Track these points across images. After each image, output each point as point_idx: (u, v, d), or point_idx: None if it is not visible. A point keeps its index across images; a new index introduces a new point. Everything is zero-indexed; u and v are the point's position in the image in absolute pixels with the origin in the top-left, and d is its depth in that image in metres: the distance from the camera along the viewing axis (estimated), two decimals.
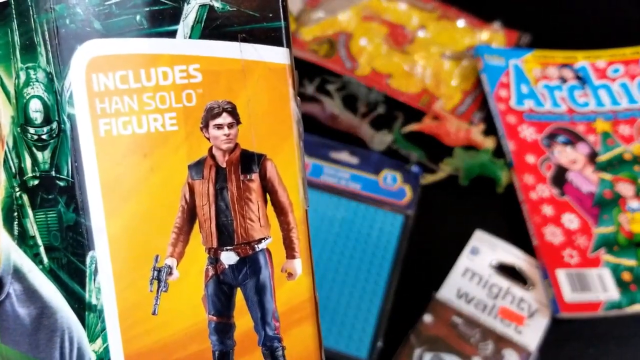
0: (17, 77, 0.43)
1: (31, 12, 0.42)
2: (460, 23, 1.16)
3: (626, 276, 0.87)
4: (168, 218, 0.42)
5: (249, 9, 0.41)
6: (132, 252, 0.42)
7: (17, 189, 0.45)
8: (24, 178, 0.44)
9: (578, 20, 1.17)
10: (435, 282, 0.89)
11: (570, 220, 0.91)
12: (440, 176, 0.97)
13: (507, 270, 0.90)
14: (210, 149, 0.42)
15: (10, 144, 0.44)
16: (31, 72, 0.43)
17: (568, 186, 0.94)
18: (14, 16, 0.43)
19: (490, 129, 1.03)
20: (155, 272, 0.43)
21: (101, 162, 0.41)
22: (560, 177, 0.95)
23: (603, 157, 0.97)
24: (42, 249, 0.45)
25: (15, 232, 0.45)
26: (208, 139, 0.42)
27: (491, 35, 1.14)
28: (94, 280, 0.43)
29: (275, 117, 0.42)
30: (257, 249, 0.44)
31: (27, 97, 0.43)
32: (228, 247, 0.44)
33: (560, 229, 0.90)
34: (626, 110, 1.02)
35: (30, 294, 0.46)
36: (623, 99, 1.03)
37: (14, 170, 0.45)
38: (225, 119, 0.42)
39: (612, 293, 0.86)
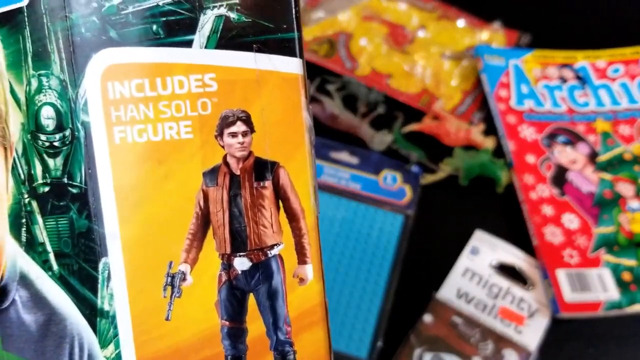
0: (29, 84, 0.44)
1: (45, 20, 0.42)
2: (460, 23, 1.16)
3: (626, 276, 0.88)
4: (182, 224, 0.43)
5: (264, 20, 0.42)
6: (146, 258, 0.43)
7: (26, 196, 0.45)
8: (34, 185, 0.45)
9: (578, 20, 1.18)
10: (435, 282, 0.89)
11: (570, 220, 0.92)
12: (440, 176, 0.98)
13: (507, 270, 0.91)
14: (225, 157, 0.43)
15: (20, 151, 0.45)
16: (44, 79, 0.43)
17: (568, 186, 0.95)
18: (27, 23, 0.43)
19: (490, 129, 1.04)
20: (169, 278, 0.44)
21: (116, 169, 0.42)
22: (560, 177, 0.96)
23: (603, 157, 0.98)
24: (51, 256, 0.45)
25: (23, 239, 0.46)
26: (222, 146, 0.43)
27: (491, 35, 1.15)
28: (107, 286, 0.44)
29: (288, 126, 0.43)
30: (270, 255, 0.45)
31: (39, 104, 0.44)
32: (241, 253, 0.45)
33: (560, 229, 0.91)
34: (626, 110, 1.03)
35: (38, 300, 0.47)
36: (623, 98, 1.04)
37: (23, 176, 0.45)
38: (239, 127, 0.42)
39: (612, 293, 0.86)
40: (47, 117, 0.44)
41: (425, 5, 1.19)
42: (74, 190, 0.44)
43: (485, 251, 0.92)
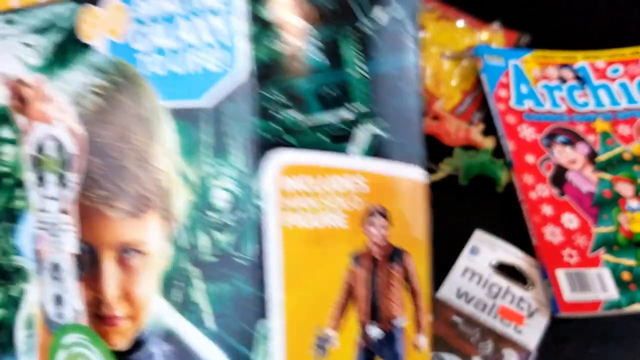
0: (203, 169, 0.53)
1: (228, 120, 0.52)
2: (460, 23, 1.18)
3: (626, 276, 0.91)
4: (332, 297, 0.53)
5: (402, 139, 0.53)
6: (302, 323, 0.53)
7: (187, 263, 0.54)
8: (197, 253, 0.54)
9: (578, 21, 1.19)
10: (435, 281, 0.93)
11: (570, 220, 0.96)
12: (440, 176, 1.04)
13: (507, 270, 0.94)
14: (369, 244, 0.54)
15: (187, 224, 0.54)
16: (220, 167, 0.52)
17: (567, 186, 0.99)
18: (208, 121, 0.53)
19: (490, 129, 1.08)
20: (319, 341, 0.54)
21: (286, 249, 0.52)
22: (559, 177, 1.00)
23: (602, 157, 1.02)
24: (207, 315, 0.54)
25: (177, 300, 0.55)
26: (367, 235, 0.54)
27: (491, 35, 1.17)
28: (265, 344, 0.52)
29: (415, 222, 0.56)
30: (396, 326, 0.56)
31: (213, 187, 0.53)
32: (376, 323, 0.55)
33: (559, 228, 0.95)
34: (625, 110, 1.08)
35: (185, 354, 0.55)
36: (622, 99, 1.09)
37: (185, 245, 0.54)
38: (381, 220, 0.54)
39: (612, 293, 0.89)
40: (222, 199, 0.53)
41: (424, 6, 1.20)
42: (243, 262, 0.52)
43: (485, 251, 0.96)
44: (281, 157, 0.51)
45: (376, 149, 0.52)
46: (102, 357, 0.56)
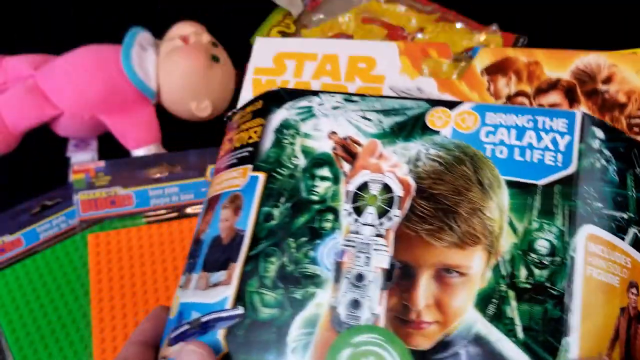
0: (530, 223, 0.67)
1: (556, 196, 0.68)
2: (459, 25, 1.19)
3: None
4: (609, 333, 0.65)
5: None
6: (589, 347, 0.63)
7: (503, 286, 0.64)
8: (514, 281, 0.65)
9: (575, 22, 1.20)
10: None
11: None
12: None
13: None
14: (628, 305, 0.67)
15: (507, 258, 0.66)
16: (544, 224, 0.66)
17: None
18: (535, 193, 0.68)
19: None
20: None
21: (584, 289, 0.64)
22: None
23: None
24: (518, 328, 0.63)
25: (490, 312, 0.64)
26: (628, 298, 0.67)
27: (488, 37, 1.22)
28: (565, 356, 0.62)
29: None
30: None
31: (536, 237, 0.66)
32: None
33: None
34: None
35: (492, 357, 0.62)
36: None
37: (504, 273, 0.65)
38: (635, 290, 0.68)
39: None
40: (542, 246, 0.66)
41: (424, 7, 1.21)
42: (554, 292, 0.64)
43: None
44: (589, 229, 0.67)
45: (636, 242, 0.69)
46: (397, 355, 0.62)
